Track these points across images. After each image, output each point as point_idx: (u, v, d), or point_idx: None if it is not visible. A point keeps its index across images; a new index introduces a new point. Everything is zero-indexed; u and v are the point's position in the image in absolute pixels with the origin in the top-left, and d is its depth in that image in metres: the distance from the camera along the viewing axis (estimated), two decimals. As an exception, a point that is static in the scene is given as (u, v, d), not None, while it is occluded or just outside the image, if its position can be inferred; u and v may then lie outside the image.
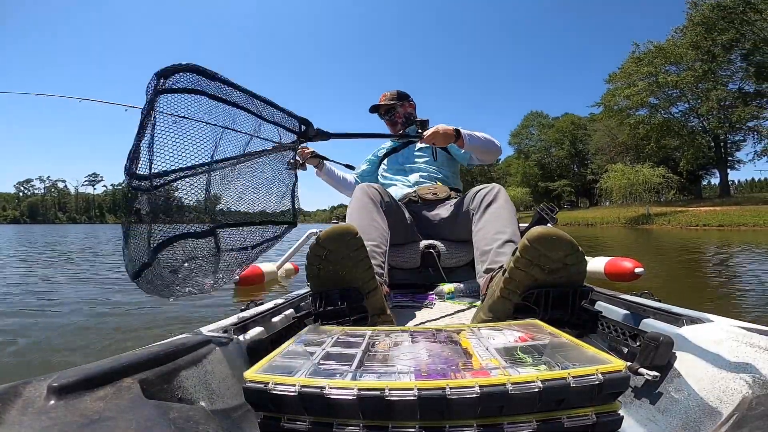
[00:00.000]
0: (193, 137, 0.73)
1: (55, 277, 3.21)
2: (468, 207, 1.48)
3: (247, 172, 0.88)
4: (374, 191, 1.47)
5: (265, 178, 0.93)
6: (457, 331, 0.73)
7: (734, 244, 7.13)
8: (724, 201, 23.43)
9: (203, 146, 0.75)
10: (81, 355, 1.37)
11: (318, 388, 0.49)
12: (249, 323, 0.81)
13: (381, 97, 1.98)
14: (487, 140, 1.61)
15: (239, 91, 0.81)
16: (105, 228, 32.54)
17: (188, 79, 0.72)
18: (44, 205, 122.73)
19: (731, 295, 2.48)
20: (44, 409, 0.41)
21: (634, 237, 10.56)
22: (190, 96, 0.73)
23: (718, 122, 26.20)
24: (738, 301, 2.33)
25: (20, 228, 34.04)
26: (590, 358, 0.56)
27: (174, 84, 0.71)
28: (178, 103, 0.71)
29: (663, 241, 8.31)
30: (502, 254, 1.20)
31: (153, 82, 0.69)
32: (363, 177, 2.07)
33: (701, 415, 0.56)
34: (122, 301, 2.18)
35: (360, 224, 1.25)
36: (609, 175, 25.51)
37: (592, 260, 2.47)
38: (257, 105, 0.87)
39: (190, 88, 0.73)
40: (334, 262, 0.95)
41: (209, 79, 0.75)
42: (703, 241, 7.68)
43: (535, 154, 47.00)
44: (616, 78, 30.75)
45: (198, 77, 0.73)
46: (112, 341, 1.51)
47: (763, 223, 14.53)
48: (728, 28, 24.41)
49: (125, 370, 0.49)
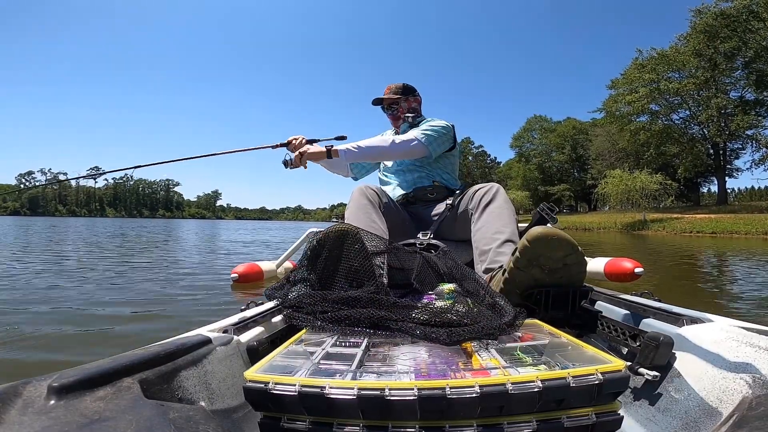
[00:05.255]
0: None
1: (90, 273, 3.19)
2: (467, 207, 1.48)
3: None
4: (372, 192, 1.47)
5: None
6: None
7: (717, 249, 7.33)
8: (720, 209, 23.51)
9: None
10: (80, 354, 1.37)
11: (318, 388, 0.49)
12: (249, 323, 0.81)
13: (386, 90, 1.95)
14: (379, 148, 1.65)
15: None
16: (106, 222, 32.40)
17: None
18: (45, 197, 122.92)
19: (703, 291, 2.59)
20: (44, 409, 0.41)
21: (629, 242, 10.66)
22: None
23: (718, 130, 26.27)
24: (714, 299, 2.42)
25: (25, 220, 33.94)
26: (590, 358, 0.56)
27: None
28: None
29: (654, 246, 8.40)
30: (502, 254, 1.20)
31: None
32: (356, 167, 2.05)
33: (701, 415, 0.56)
34: (122, 301, 2.18)
35: (358, 225, 1.26)
36: (607, 181, 25.60)
37: (591, 260, 2.47)
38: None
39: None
40: (334, 262, 0.95)
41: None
42: (689, 247, 7.80)
43: (536, 158, 47.16)
44: (618, 84, 30.83)
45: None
46: (112, 341, 1.51)
47: (755, 231, 14.74)
48: (731, 37, 24.50)
49: (125, 370, 0.49)
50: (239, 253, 5.16)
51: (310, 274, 0.94)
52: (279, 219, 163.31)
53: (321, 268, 0.94)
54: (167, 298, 2.27)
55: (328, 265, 0.94)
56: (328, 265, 0.94)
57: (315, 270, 0.94)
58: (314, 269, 0.94)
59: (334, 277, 0.92)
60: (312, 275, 0.93)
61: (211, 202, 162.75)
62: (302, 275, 0.95)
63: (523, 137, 50.37)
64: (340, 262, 0.93)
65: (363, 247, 0.95)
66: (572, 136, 44.46)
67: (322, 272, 0.94)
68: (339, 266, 0.93)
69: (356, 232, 0.96)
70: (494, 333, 0.67)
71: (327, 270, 0.94)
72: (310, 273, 0.94)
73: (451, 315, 0.74)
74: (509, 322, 0.71)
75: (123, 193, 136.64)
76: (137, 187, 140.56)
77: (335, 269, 0.93)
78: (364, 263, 0.92)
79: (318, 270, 0.94)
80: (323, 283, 0.93)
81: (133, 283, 2.80)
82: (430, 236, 1.49)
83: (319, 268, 0.94)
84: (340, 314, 0.77)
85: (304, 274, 0.95)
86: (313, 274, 0.94)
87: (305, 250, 0.98)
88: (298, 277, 0.96)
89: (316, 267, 0.94)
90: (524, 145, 49.75)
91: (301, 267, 0.97)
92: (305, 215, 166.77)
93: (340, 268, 0.93)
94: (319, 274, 0.93)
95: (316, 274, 0.93)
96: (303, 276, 0.94)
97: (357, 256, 0.93)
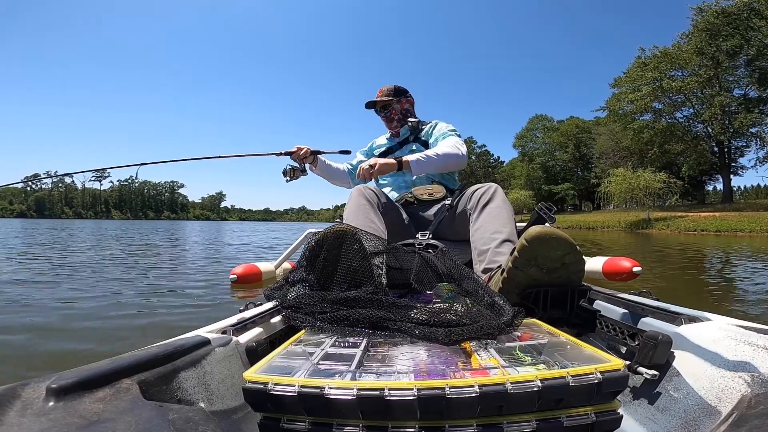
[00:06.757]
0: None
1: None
2: (465, 207, 1.48)
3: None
4: (371, 193, 1.47)
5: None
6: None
7: (719, 247, 7.29)
8: (725, 207, 23.45)
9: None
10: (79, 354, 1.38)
11: (317, 389, 0.49)
12: (248, 324, 0.81)
13: (378, 93, 1.95)
14: (441, 157, 1.65)
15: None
16: (112, 224, 32.55)
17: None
18: (51, 199, 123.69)
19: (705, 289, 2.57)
20: (43, 410, 0.41)
21: (633, 241, 10.62)
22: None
23: (722, 128, 26.15)
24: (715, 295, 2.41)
25: (30, 222, 34.17)
26: (589, 357, 0.56)
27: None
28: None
29: (657, 245, 8.38)
30: (500, 254, 1.20)
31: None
32: (356, 168, 2.04)
33: (700, 413, 0.56)
34: (122, 301, 2.19)
35: (357, 225, 1.26)
36: (610, 180, 25.51)
37: (590, 260, 2.47)
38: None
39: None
40: (332, 263, 0.95)
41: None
42: (692, 246, 7.77)
43: (539, 157, 47.01)
44: (621, 82, 30.77)
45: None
46: (110, 342, 1.51)
47: (759, 229, 14.76)
48: (733, 35, 24.45)
49: (124, 371, 0.49)
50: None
51: (309, 275, 0.94)
52: (283, 220, 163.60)
53: (320, 268, 0.94)
54: (166, 299, 2.28)
55: (327, 265, 0.94)
56: (326, 266, 0.94)
57: (314, 270, 0.94)
58: (313, 270, 0.94)
59: (333, 278, 0.92)
60: (311, 276, 0.93)
61: (215, 203, 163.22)
62: (301, 276, 0.95)
63: (526, 136, 50.22)
64: (338, 263, 0.93)
65: (362, 248, 0.95)
66: (575, 134, 44.34)
67: (320, 273, 0.94)
68: (338, 266, 0.93)
69: (355, 233, 0.96)
70: (493, 333, 0.67)
71: (326, 270, 0.94)
72: (309, 273, 0.94)
73: (450, 315, 0.74)
74: (508, 322, 0.71)
75: (128, 195, 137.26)
76: (142, 189, 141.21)
77: (334, 270, 0.93)
78: (362, 263, 0.92)
79: (317, 270, 0.94)
80: (322, 284, 0.93)
81: (133, 283, 2.82)
82: (429, 236, 1.49)
83: (317, 268, 0.94)
84: (339, 314, 0.77)
85: (303, 274, 0.95)
86: (311, 274, 0.94)
87: (304, 251, 0.98)
88: (296, 278, 0.96)
89: (315, 267, 0.94)
90: (527, 145, 49.60)
91: (300, 267, 0.97)
92: (309, 216, 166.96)
93: (338, 269, 0.93)
94: (317, 275, 0.94)
95: (314, 275, 0.94)
96: (302, 276, 0.95)
97: (356, 256, 0.93)
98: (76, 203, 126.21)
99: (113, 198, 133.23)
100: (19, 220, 59.49)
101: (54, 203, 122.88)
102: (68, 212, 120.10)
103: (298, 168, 1.90)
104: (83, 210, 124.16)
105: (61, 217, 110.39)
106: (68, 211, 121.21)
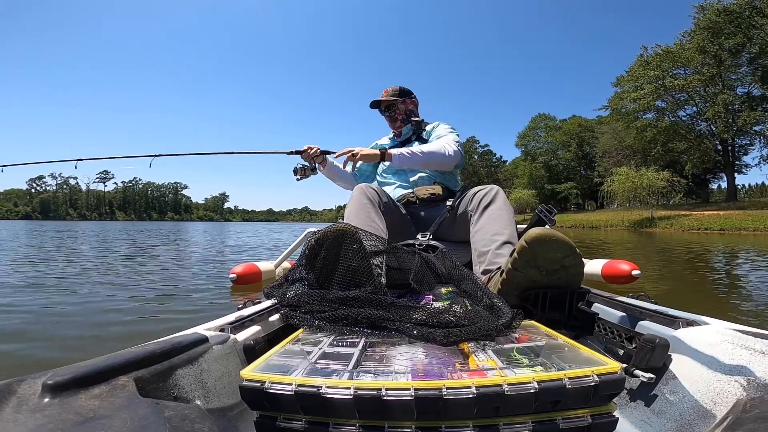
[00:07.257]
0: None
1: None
2: (466, 208, 1.48)
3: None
4: (372, 192, 1.47)
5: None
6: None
7: (724, 246, 7.23)
8: (729, 205, 23.34)
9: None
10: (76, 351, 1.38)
11: (314, 388, 0.49)
12: (245, 322, 0.80)
13: (383, 93, 1.98)
14: (426, 155, 1.66)
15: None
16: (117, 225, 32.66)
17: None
18: (56, 201, 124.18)
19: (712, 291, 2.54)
20: (39, 406, 0.40)
21: (636, 240, 10.57)
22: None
23: (725, 126, 26.01)
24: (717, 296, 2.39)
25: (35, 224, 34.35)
26: (586, 359, 0.56)
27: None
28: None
29: (660, 244, 8.34)
30: (500, 255, 1.20)
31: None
32: (360, 171, 2.07)
33: (696, 417, 0.55)
34: (121, 301, 2.19)
35: (357, 224, 1.26)
36: (614, 179, 25.41)
37: (589, 262, 2.47)
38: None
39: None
40: (332, 262, 0.95)
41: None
42: (696, 245, 7.72)
43: (541, 156, 46.84)
44: (623, 81, 30.64)
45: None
46: (107, 339, 1.51)
47: (763, 228, 14.71)
48: (735, 33, 24.32)
49: (120, 368, 0.49)
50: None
51: (309, 274, 0.94)
52: (286, 220, 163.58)
53: (319, 267, 0.94)
54: (165, 298, 2.29)
55: (327, 264, 0.94)
56: (326, 265, 0.94)
57: (313, 269, 0.94)
58: (312, 269, 0.94)
59: (332, 277, 0.92)
60: (310, 274, 0.94)
61: (218, 204, 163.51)
62: (300, 275, 0.95)
63: (528, 136, 50.04)
64: (338, 262, 0.93)
65: (361, 247, 0.95)
66: (578, 133, 44.17)
67: (320, 272, 0.94)
68: (337, 266, 0.93)
69: (354, 232, 0.96)
70: (491, 334, 0.67)
71: (325, 269, 0.94)
72: (309, 272, 0.94)
73: (448, 316, 0.74)
74: (506, 324, 0.71)
75: (132, 197, 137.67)
76: (146, 190, 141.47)
77: (333, 269, 0.93)
78: (362, 263, 0.92)
79: (316, 269, 0.94)
80: (321, 283, 0.93)
81: (133, 283, 2.82)
82: (430, 237, 1.49)
83: (317, 267, 0.94)
84: (338, 314, 0.77)
85: (302, 273, 0.95)
86: (311, 273, 0.94)
87: (303, 250, 0.99)
88: (296, 277, 0.96)
89: (315, 266, 0.94)
90: (530, 144, 49.42)
91: (300, 266, 0.97)
92: (312, 216, 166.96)
93: (338, 268, 0.93)
94: (317, 274, 0.94)
95: (314, 274, 0.94)
96: (301, 275, 0.95)
97: (355, 255, 0.93)
98: (80, 205, 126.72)
99: (117, 199, 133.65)
100: (24, 221, 59.75)
101: (59, 205, 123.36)
102: (73, 214, 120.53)
103: (308, 167, 1.92)
104: (87, 211, 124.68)
105: (66, 218, 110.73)
106: (73, 212, 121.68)
